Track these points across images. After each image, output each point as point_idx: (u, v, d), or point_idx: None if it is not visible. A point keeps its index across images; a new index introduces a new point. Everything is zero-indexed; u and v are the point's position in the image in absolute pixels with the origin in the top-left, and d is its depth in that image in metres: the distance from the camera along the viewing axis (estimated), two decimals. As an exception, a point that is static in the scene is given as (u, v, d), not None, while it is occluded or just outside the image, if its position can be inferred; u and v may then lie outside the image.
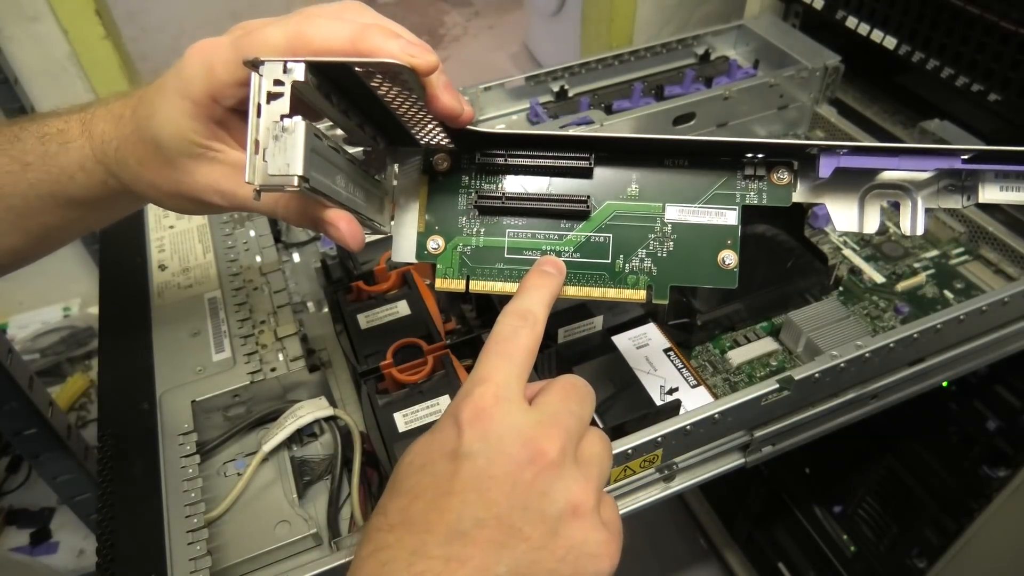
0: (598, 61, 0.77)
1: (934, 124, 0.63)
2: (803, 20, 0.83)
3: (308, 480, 0.46)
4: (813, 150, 0.35)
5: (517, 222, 0.37)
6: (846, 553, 0.94)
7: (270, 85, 0.28)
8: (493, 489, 0.27)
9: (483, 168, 0.38)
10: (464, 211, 0.38)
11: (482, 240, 0.37)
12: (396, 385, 0.48)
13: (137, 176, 0.37)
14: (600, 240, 0.37)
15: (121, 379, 0.50)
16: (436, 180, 0.38)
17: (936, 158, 0.35)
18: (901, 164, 0.35)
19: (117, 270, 0.59)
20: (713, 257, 0.36)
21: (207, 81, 0.33)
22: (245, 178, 0.28)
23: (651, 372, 0.50)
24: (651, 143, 0.36)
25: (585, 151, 0.37)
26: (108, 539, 0.41)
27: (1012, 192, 0.36)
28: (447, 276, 0.37)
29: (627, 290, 0.36)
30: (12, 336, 1.42)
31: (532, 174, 0.38)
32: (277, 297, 0.54)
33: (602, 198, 0.37)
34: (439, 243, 0.37)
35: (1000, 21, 0.59)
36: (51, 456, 0.96)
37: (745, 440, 0.50)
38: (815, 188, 0.37)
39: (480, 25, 2.59)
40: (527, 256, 0.37)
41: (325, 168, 0.31)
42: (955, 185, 0.36)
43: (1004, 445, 0.70)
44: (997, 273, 0.61)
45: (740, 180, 0.37)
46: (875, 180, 0.36)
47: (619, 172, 0.37)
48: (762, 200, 0.36)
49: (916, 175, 0.36)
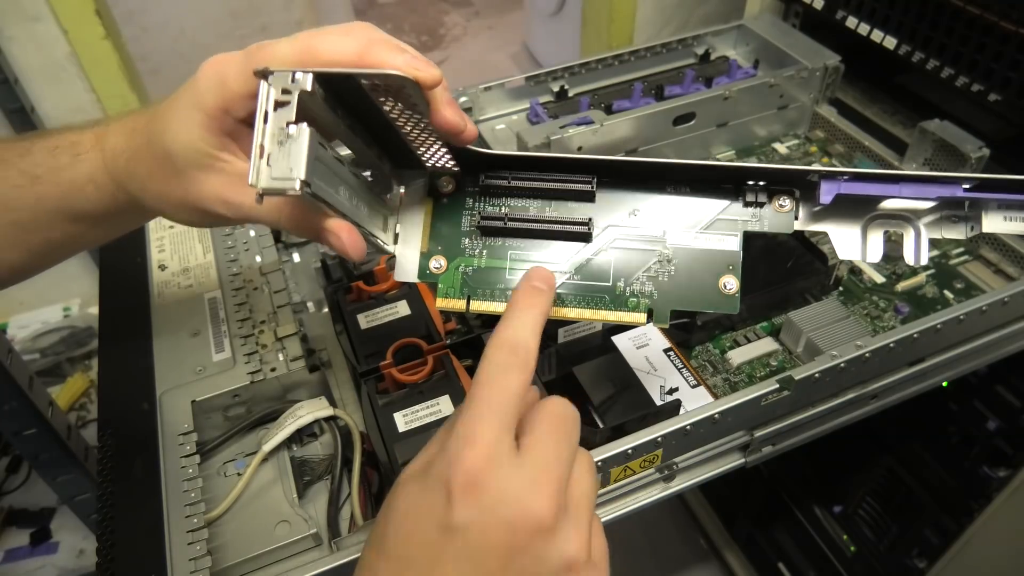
0: (598, 61, 0.77)
1: (934, 124, 0.63)
2: (803, 20, 0.83)
3: (308, 480, 0.46)
4: (814, 177, 0.35)
5: (520, 244, 0.38)
6: (846, 553, 0.94)
7: (278, 94, 0.28)
8: (489, 560, 0.27)
9: (487, 190, 0.38)
10: (467, 232, 0.38)
11: (484, 261, 0.38)
12: (396, 385, 0.48)
13: (145, 187, 0.37)
14: (602, 263, 0.37)
15: (121, 379, 0.50)
16: (440, 202, 0.38)
17: (937, 186, 0.35)
18: (902, 191, 0.35)
19: (117, 270, 0.59)
20: (715, 282, 0.36)
21: (219, 93, 0.34)
22: (248, 180, 0.28)
23: (651, 372, 0.50)
24: (653, 167, 0.36)
25: (588, 174, 0.37)
26: (108, 539, 0.41)
27: (1016, 222, 0.36)
28: (448, 296, 0.37)
29: (627, 313, 0.36)
30: (12, 336, 1.42)
31: (535, 197, 0.38)
32: (277, 297, 0.54)
33: (604, 221, 0.37)
34: (441, 263, 0.38)
35: (1000, 21, 0.59)
36: (51, 456, 0.96)
37: (745, 440, 0.50)
38: (817, 215, 0.37)
39: (480, 25, 2.59)
40: None
41: (328, 177, 0.31)
42: (958, 215, 0.36)
43: (1004, 445, 0.70)
44: (997, 273, 0.61)
45: (742, 207, 0.37)
46: (878, 209, 0.36)
47: (622, 195, 0.38)
48: (763, 227, 0.37)
49: (919, 204, 0.36)
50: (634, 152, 0.69)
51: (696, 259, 0.37)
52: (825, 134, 0.75)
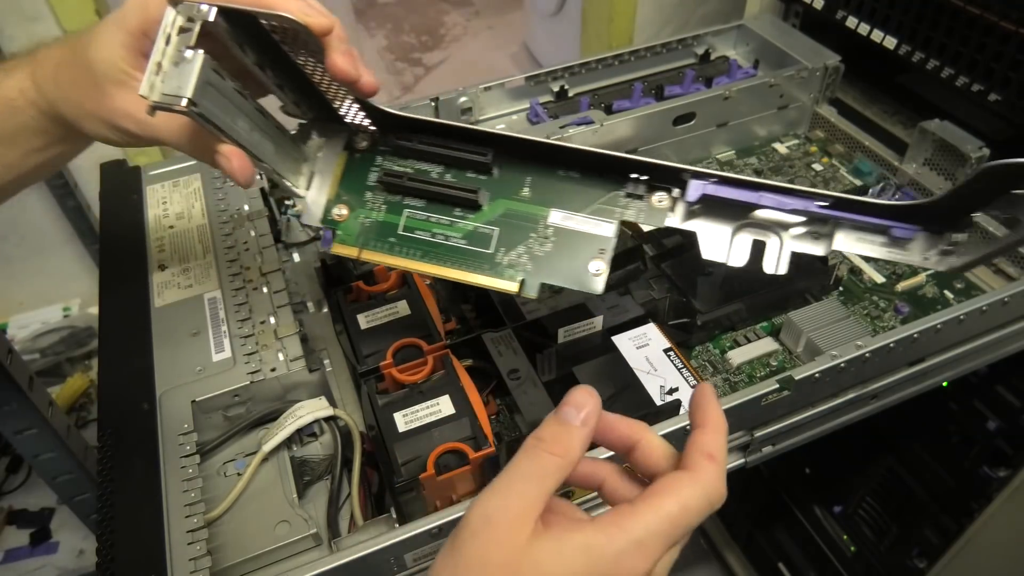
0: (598, 61, 0.77)
1: (934, 124, 0.63)
2: (803, 20, 0.83)
3: (308, 480, 0.46)
4: (686, 175, 0.37)
5: (416, 203, 0.40)
6: (846, 553, 0.94)
7: (183, 21, 0.32)
8: None
9: (397, 150, 0.41)
10: (372, 187, 0.41)
11: (382, 215, 0.41)
12: (396, 385, 0.48)
13: (66, 96, 0.40)
14: (487, 232, 0.40)
15: (121, 379, 0.50)
16: (354, 156, 0.42)
17: (795, 198, 0.36)
18: (761, 199, 0.36)
19: (117, 270, 0.58)
20: (585, 263, 0.38)
21: (141, 16, 0.37)
22: (140, 91, 0.32)
23: (651, 372, 0.50)
24: (543, 147, 0.39)
25: (488, 147, 0.40)
26: (108, 539, 0.41)
27: (867, 244, 0.37)
28: (344, 242, 0.41)
29: (502, 280, 0.39)
30: (12, 336, 1.42)
31: (438, 162, 0.41)
32: (277, 297, 0.54)
33: (497, 194, 0.40)
34: (344, 212, 0.41)
35: (1000, 21, 0.59)
36: (51, 456, 0.96)
37: (745, 440, 0.50)
38: (692, 214, 0.38)
39: (480, 25, 2.59)
40: (419, 236, 0.40)
41: (223, 105, 0.34)
42: (820, 232, 0.37)
43: (1004, 445, 0.70)
44: (997, 273, 0.61)
45: (623, 197, 0.39)
46: (749, 217, 0.38)
47: (517, 172, 0.40)
48: (639, 219, 0.39)
49: (786, 217, 0.37)
50: (634, 152, 0.69)
51: (572, 240, 0.39)
52: (825, 134, 0.75)
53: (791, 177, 0.71)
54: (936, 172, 0.65)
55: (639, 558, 0.26)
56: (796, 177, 0.71)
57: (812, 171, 0.71)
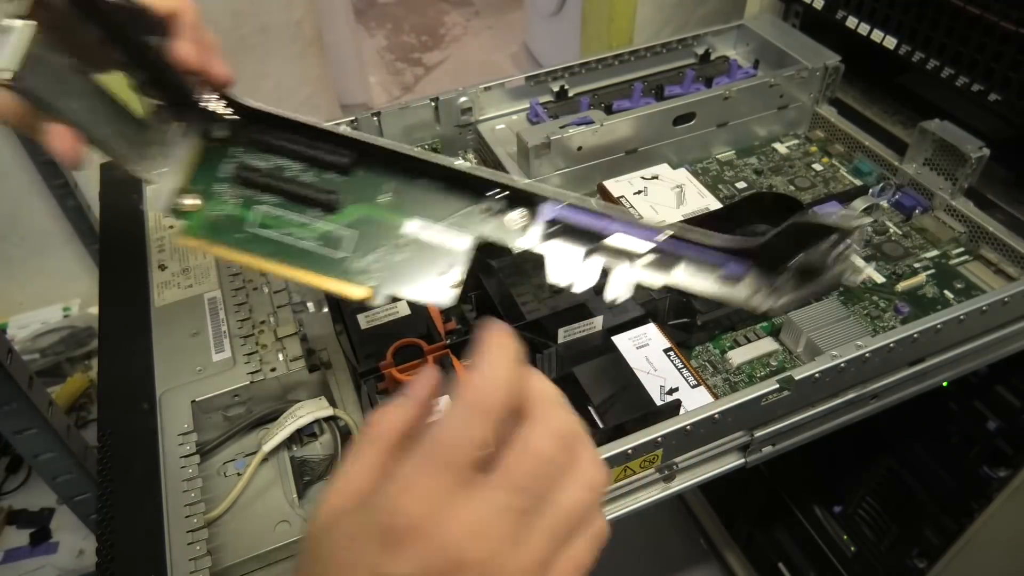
0: (598, 61, 0.77)
1: (934, 124, 0.63)
2: (803, 20, 0.83)
3: (308, 480, 0.46)
4: (538, 199, 0.37)
5: (271, 200, 0.39)
6: (846, 553, 0.94)
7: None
8: None
9: (255, 144, 0.40)
10: (225, 179, 0.39)
11: (232, 209, 0.39)
12: (396, 385, 0.48)
13: None
14: (341, 235, 0.38)
15: (121, 379, 0.50)
16: (212, 146, 0.40)
17: (639, 229, 0.36)
18: (608, 227, 0.37)
19: (117, 270, 0.59)
20: (435, 276, 0.38)
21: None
22: None
23: (651, 372, 0.50)
24: (400, 157, 0.38)
25: (349, 150, 0.39)
26: (108, 539, 0.41)
27: (699, 279, 0.37)
28: (190, 234, 0.39)
29: (351, 286, 0.37)
30: (12, 336, 1.41)
31: (296, 159, 0.39)
32: (277, 297, 0.54)
33: (356, 198, 0.39)
34: (193, 202, 0.39)
35: (1000, 21, 0.59)
36: (51, 456, 0.96)
37: (745, 440, 0.50)
38: (547, 236, 0.38)
39: (480, 25, 2.59)
40: (270, 234, 0.38)
41: (53, 81, 0.33)
42: (663, 263, 0.37)
43: (1004, 445, 0.70)
44: (997, 273, 0.61)
45: (480, 212, 0.38)
46: (601, 243, 0.38)
47: (378, 177, 0.39)
48: (493, 236, 0.38)
49: (635, 247, 0.37)
50: (634, 152, 0.69)
51: (426, 251, 0.38)
52: (825, 134, 0.75)
53: (791, 177, 0.71)
54: (936, 172, 0.65)
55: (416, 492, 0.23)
56: (796, 177, 0.71)
57: (812, 171, 0.71)
